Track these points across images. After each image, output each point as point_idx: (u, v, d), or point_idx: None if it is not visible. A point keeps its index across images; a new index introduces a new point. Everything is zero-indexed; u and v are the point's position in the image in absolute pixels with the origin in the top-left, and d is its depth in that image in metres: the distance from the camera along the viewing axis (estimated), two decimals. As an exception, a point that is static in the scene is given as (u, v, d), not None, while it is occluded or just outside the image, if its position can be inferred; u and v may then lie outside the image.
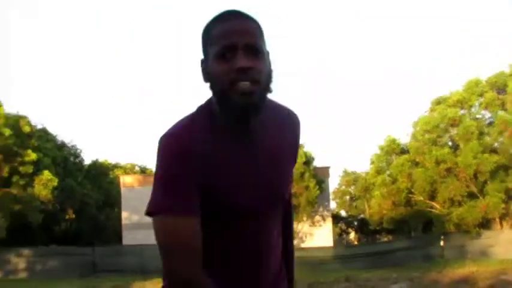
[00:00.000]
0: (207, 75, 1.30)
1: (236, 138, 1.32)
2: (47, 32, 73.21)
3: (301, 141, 1.83)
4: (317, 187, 24.96)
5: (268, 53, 1.34)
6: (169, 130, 1.32)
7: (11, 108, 32.09)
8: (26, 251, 25.58)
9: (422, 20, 66.04)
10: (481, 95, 22.35)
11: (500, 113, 22.12)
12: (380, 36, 66.42)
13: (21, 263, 25.30)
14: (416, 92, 52.68)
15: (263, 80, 1.28)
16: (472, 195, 21.97)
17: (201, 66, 1.34)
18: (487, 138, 22.16)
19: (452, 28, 65.13)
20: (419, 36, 67.39)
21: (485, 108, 22.47)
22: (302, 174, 24.23)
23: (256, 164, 1.35)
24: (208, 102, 1.35)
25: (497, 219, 22.38)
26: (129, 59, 74.59)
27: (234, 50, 1.24)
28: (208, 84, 1.32)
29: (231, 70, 1.23)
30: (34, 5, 73.64)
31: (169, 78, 77.14)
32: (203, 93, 1.42)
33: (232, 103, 1.24)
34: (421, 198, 22.81)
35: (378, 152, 25.27)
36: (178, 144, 1.28)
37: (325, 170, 28.86)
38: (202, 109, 1.35)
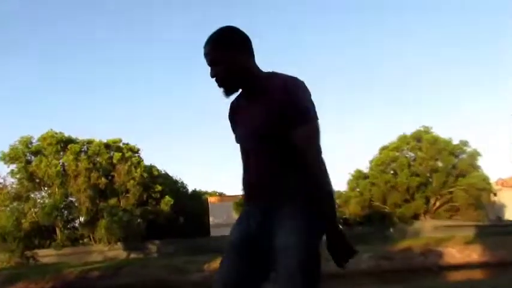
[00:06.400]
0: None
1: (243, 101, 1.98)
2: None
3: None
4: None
5: (231, 56, 1.83)
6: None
7: (148, 161, 36.58)
8: (157, 241, 31.55)
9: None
10: (407, 143, 32.80)
11: (419, 153, 32.35)
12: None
13: (154, 248, 31.29)
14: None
15: (224, 77, 1.85)
16: (406, 201, 31.59)
17: None
18: (413, 168, 31.86)
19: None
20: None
21: (410, 151, 32.92)
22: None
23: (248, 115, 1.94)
24: None
25: (422, 214, 31.92)
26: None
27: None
28: None
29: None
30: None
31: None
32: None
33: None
34: (378, 204, 32.20)
35: (350, 177, 34.70)
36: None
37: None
38: None
